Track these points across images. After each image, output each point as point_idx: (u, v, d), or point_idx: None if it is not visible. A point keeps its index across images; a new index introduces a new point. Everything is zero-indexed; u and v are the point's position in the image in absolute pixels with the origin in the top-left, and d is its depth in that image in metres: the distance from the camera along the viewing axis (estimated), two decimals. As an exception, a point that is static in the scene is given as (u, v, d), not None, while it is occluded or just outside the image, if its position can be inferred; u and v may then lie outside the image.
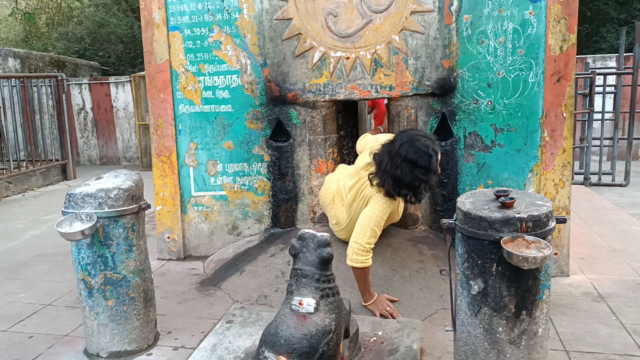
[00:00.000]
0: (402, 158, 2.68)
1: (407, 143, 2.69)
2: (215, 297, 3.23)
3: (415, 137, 2.71)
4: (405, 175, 2.67)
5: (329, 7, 3.38)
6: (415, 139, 2.71)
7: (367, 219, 2.75)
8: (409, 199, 2.76)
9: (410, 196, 2.74)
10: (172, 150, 3.82)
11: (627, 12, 11.67)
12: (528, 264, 1.70)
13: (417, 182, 2.68)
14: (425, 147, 2.66)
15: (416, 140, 2.69)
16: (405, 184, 2.69)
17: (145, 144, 9.16)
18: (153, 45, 3.73)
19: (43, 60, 10.01)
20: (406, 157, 2.66)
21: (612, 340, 2.58)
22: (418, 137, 2.72)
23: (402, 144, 2.71)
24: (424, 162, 2.65)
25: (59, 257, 4.15)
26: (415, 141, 2.69)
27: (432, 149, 2.67)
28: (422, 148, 2.65)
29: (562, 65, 3.17)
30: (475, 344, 1.92)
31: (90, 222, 2.30)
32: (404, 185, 2.70)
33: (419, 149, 2.65)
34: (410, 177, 2.67)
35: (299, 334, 1.89)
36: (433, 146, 2.70)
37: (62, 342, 2.73)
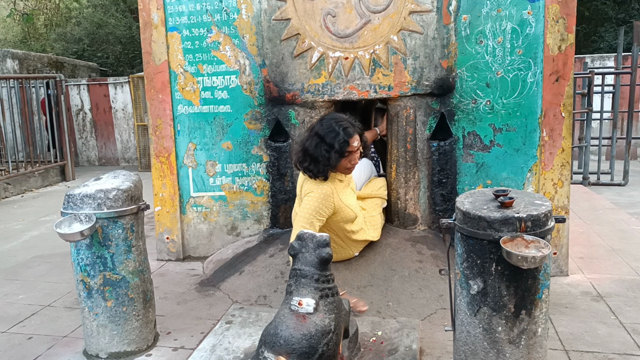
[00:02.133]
0: (314, 133, 2.82)
1: (324, 121, 2.85)
2: (214, 297, 3.23)
3: (334, 117, 2.86)
4: (311, 148, 2.78)
5: (328, 7, 3.38)
6: (332, 118, 2.86)
7: (299, 215, 2.82)
8: (308, 171, 2.84)
9: (309, 169, 2.82)
10: (171, 151, 3.81)
11: (626, 11, 11.69)
12: (527, 264, 1.70)
13: (319, 157, 2.77)
14: (337, 126, 2.77)
15: (333, 119, 2.83)
16: (309, 155, 2.80)
17: (144, 145, 9.15)
18: (151, 45, 3.73)
19: (41, 61, 10.00)
20: (317, 132, 2.81)
21: (612, 339, 2.58)
22: (337, 118, 2.85)
23: (320, 121, 2.88)
24: (330, 139, 2.75)
25: (58, 258, 4.14)
26: (331, 120, 2.83)
27: (343, 129, 2.77)
28: (334, 126, 2.77)
29: (561, 65, 3.17)
30: (474, 344, 1.92)
31: (89, 223, 2.30)
32: (308, 157, 2.81)
33: (330, 126, 2.78)
34: (314, 150, 2.78)
35: (298, 334, 1.89)
36: (346, 127, 2.78)
37: (61, 343, 2.73)
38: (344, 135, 2.75)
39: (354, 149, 2.79)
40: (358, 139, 2.81)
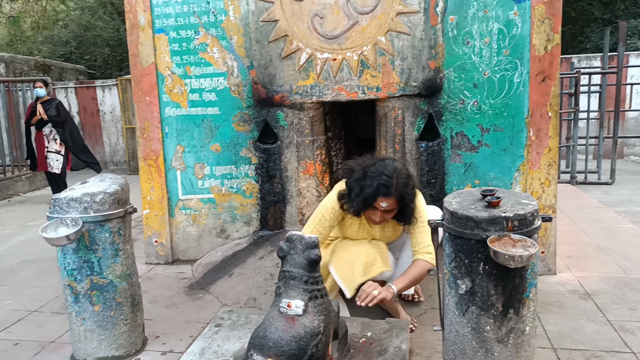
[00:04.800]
0: (365, 169, 2.54)
1: (380, 164, 2.53)
2: (203, 300, 3.22)
3: (386, 167, 2.50)
4: (353, 179, 2.55)
5: (315, 8, 3.38)
6: (386, 167, 2.50)
7: None
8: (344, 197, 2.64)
9: (344, 194, 2.63)
10: (159, 154, 3.79)
11: (611, 12, 11.81)
12: (514, 263, 1.71)
13: (351, 192, 2.55)
14: (380, 178, 2.47)
15: (384, 169, 2.49)
16: (348, 183, 2.60)
17: (132, 148, 9.09)
18: (138, 48, 3.71)
19: (28, 64, 9.90)
20: (366, 171, 2.52)
21: (599, 337, 2.60)
22: (388, 170, 2.48)
23: (381, 161, 2.58)
24: (365, 184, 2.49)
25: (45, 262, 4.10)
26: (384, 168, 2.50)
27: (382, 184, 2.44)
28: (377, 177, 2.47)
29: (547, 65, 3.20)
30: (463, 343, 1.92)
31: (75, 227, 2.27)
32: (348, 183, 2.60)
33: (376, 173, 2.49)
34: (351, 183, 2.56)
35: (287, 336, 1.88)
36: (387, 184, 2.44)
37: (48, 348, 2.70)
38: (376, 191, 2.43)
39: (380, 208, 2.46)
40: (391, 203, 2.45)
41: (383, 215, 2.51)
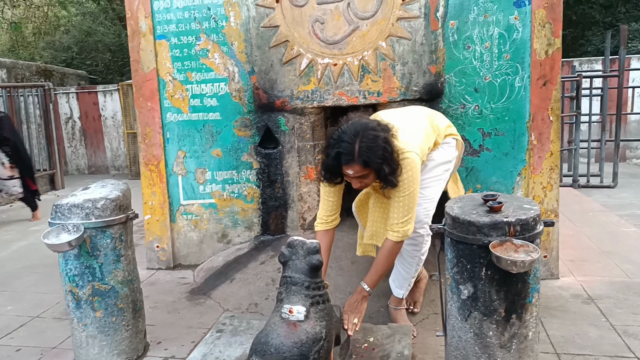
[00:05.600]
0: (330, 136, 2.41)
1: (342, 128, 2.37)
2: (205, 306, 3.21)
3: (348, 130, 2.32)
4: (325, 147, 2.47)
5: (316, 14, 3.39)
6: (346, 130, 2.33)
7: None
8: None
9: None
10: (161, 159, 3.80)
11: (612, 15, 11.82)
12: (517, 268, 1.70)
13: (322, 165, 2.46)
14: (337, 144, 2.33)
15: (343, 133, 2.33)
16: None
17: (134, 153, 9.11)
18: (140, 53, 3.72)
19: (30, 69, 9.94)
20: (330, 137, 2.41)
21: (603, 341, 2.59)
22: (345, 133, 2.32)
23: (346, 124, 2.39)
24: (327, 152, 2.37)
25: (47, 268, 4.10)
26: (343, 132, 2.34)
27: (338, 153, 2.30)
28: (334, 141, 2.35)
29: (548, 69, 3.20)
30: (466, 349, 1.92)
31: (77, 233, 2.27)
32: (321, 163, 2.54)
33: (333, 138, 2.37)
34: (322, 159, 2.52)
35: (289, 342, 1.88)
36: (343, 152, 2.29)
37: (50, 354, 2.70)
38: (336, 160, 2.30)
39: (348, 175, 2.33)
40: (356, 169, 2.27)
41: (360, 181, 2.35)
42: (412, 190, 2.38)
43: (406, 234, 2.42)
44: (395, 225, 2.41)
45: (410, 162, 2.36)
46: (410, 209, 2.40)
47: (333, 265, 3.25)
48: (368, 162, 2.24)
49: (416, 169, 2.38)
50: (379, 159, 2.24)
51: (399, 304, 2.77)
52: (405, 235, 2.42)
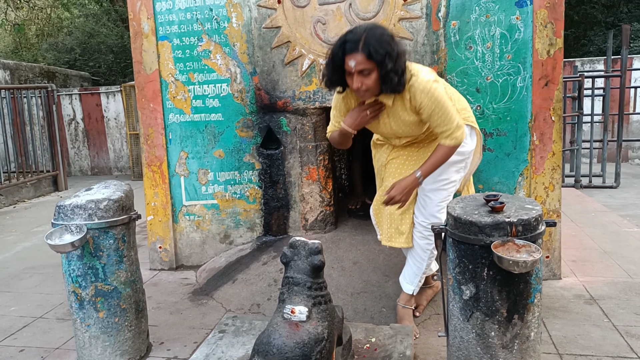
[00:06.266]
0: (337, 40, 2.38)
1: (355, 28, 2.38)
2: (207, 306, 3.22)
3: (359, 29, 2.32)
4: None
5: (318, 15, 3.39)
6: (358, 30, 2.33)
7: None
8: None
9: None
10: (163, 160, 3.81)
11: (614, 15, 11.80)
12: (519, 268, 1.70)
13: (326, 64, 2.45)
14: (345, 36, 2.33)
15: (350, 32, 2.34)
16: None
17: (136, 154, 9.12)
18: (142, 55, 3.73)
19: (33, 71, 9.96)
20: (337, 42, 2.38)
21: (605, 342, 2.59)
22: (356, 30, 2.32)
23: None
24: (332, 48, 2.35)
25: (50, 269, 4.12)
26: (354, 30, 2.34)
27: (345, 41, 2.27)
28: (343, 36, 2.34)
29: (550, 69, 3.20)
30: (468, 349, 1.92)
31: (80, 234, 2.28)
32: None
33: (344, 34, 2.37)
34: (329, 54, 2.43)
35: (291, 343, 1.88)
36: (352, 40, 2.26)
37: (53, 355, 2.71)
38: (341, 48, 2.25)
39: (350, 68, 2.25)
40: (359, 60, 2.21)
41: (360, 80, 2.25)
42: (439, 102, 2.33)
43: (458, 140, 2.39)
44: (445, 133, 2.38)
45: (426, 78, 2.33)
46: (450, 119, 2.36)
47: (335, 266, 3.25)
48: (372, 54, 2.19)
49: (435, 87, 2.33)
50: (383, 51, 2.19)
51: (407, 302, 2.77)
52: (458, 142, 2.40)
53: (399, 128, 2.52)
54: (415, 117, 2.43)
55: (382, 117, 2.51)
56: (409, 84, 2.33)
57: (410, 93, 2.35)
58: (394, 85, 2.28)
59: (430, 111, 2.35)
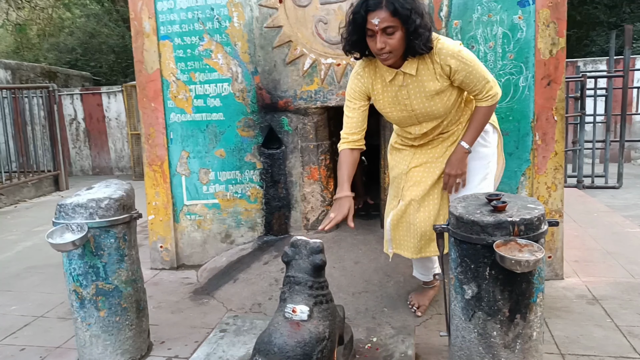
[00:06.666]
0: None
1: None
2: (208, 306, 3.21)
3: None
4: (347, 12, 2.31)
5: (319, 14, 3.39)
6: None
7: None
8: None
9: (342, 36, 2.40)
10: (164, 159, 3.80)
11: (617, 15, 11.78)
12: (521, 268, 1.70)
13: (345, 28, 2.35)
14: None
15: None
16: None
17: (137, 154, 9.13)
18: (143, 54, 3.72)
19: (34, 71, 9.98)
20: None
21: (607, 342, 2.58)
22: None
23: None
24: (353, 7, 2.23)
25: (51, 268, 4.11)
26: None
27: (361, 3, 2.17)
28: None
29: (552, 69, 3.18)
30: (469, 349, 1.91)
31: (81, 233, 2.28)
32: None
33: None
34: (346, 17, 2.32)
35: (292, 342, 1.87)
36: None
37: (54, 354, 2.70)
38: (362, 6, 2.13)
39: (374, 27, 2.13)
40: (383, 17, 2.10)
41: (384, 40, 2.14)
42: (471, 62, 2.26)
43: (495, 97, 2.34)
44: (481, 94, 2.32)
45: (452, 42, 2.28)
46: (484, 76, 2.29)
47: (336, 266, 3.25)
48: (397, 10, 2.08)
49: (464, 48, 2.27)
50: (409, 5, 2.10)
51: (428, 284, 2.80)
52: (495, 100, 2.35)
53: (421, 104, 2.37)
54: (443, 84, 2.31)
55: (400, 97, 2.38)
56: (436, 47, 2.23)
57: (440, 56, 2.24)
58: (423, 41, 2.16)
59: (465, 73, 2.25)
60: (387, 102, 2.44)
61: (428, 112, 2.39)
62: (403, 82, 2.35)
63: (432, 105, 2.37)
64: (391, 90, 2.40)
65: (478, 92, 2.32)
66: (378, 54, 2.22)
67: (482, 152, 2.54)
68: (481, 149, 2.53)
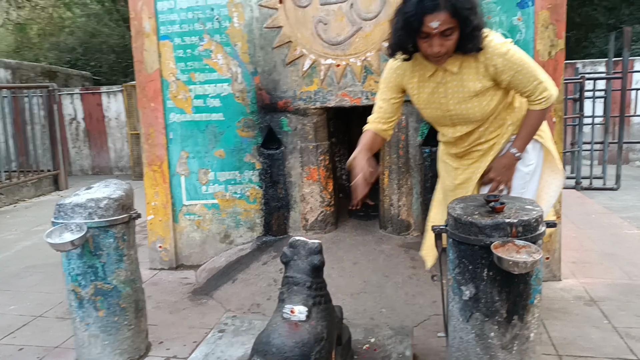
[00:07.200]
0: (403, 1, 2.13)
1: None
2: (207, 306, 3.21)
3: None
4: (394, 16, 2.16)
5: (319, 15, 3.40)
6: None
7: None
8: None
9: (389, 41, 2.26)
10: (164, 159, 3.81)
11: (616, 17, 11.80)
12: (518, 269, 1.70)
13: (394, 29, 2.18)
14: None
15: None
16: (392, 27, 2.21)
17: (137, 154, 9.11)
18: (143, 54, 3.73)
19: (34, 70, 9.97)
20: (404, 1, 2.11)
21: (605, 344, 2.58)
22: None
23: None
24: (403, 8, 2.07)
25: (50, 268, 4.11)
26: None
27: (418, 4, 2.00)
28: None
29: (551, 71, 3.19)
30: (467, 350, 1.91)
31: (80, 233, 2.28)
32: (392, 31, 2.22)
33: None
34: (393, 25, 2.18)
35: (290, 342, 1.88)
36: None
37: (52, 354, 2.71)
38: (418, 7, 1.97)
39: (432, 30, 1.99)
40: (443, 19, 1.97)
41: (441, 43, 2.02)
42: (521, 61, 2.12)
43: (549, 100, 2.17)
44: (532, 96, 2.16)
45: (501, 40, 2.13)
46: (534, 76, 2.14)
47: (335, 266, 3.25)
48: (457, 11, 1.96)
49: (513, 47, 2.13)
50: (469, 5, 1.98)
51: None
52: (549, 102, 2.17)
53: (457, 105, 2.23)
54: (485, 85, 2.17)
55: (437, 94, 2.25)
56: (484, 45, 2.10)
57: (486, 55, 2.11)
58: (477, 43, 2.06)
59: (513, 72, 2.11)
60: (422, 98, 2.30)
61: (464, 114, 2.25)
62: (442, 79, 2.21)
63: (469, 108, 2.22)
64: (428, 87, 2.26)
65: (530, 93, 2.17)
66: (433, 56, 2.09)
67: (522, 171, 2.33)
68: (522, 168, 2.32)
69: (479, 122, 2.27)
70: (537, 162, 2.35)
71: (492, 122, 2.29)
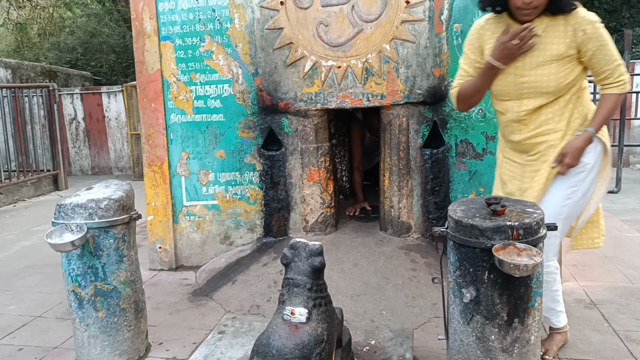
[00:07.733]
0: None
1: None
2: (207, 307, 3.21)
3: None
4: None
5: (320, 16, 3.39)
6: None
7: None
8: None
9: None
10: (164, 160, 3.80)
11: (616, 20, 11.80)
12: (519, 272, 1.70)
13: None
14: None
15: None
16: None
17: (137, 154, 9.12)
18: (144, 55, 3.73)
19: (35, 70, 9.97)
20: None
21: (605, 347, 2.58)
22: None
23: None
24: None
25: (49, 268, 4.11)
26: None
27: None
28: None
29: (552, 73, 3.19)
30: (467, 353, 1.91)
31: (80, 233, 2.28)
32: None
33: None
34: None
35: (291, 344, 1.87)
36: None
37: (52, 354, 2.70)
38: None
39: None
40: None
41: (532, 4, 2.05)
42: (606, 37, 2.12)
43: (626, 85, 2.17)
44: (609, 78, 2.17)
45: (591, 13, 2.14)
46: (614, 57, 2.14)
47: (335, 268, 3.25)
48: None
49: (601, 23, 2.14)
50: None
51: (554, 330, 2.54)
52: (626, 87, 2.18)
53: (533, 70, 2.18)
54: (568, 51, 2.14)
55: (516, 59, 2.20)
56: (575, 10, 2.12)
57: (577, 19, 2.11)
58: (569, 2, 2.09)
59: (599, 44, 2.11)
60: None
61: (537, 81, 2.19)
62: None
63: (544, 75, 2.17)
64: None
65: (609, 73, 2.15)
66: (522, 8, 2.09)
67: (573, 171, 2.27)
68: (574, 169, 2.27)
69: (549, 98, 2.20)
70: (595, 163, 2.29)
71: (561, 108, 2.23)
